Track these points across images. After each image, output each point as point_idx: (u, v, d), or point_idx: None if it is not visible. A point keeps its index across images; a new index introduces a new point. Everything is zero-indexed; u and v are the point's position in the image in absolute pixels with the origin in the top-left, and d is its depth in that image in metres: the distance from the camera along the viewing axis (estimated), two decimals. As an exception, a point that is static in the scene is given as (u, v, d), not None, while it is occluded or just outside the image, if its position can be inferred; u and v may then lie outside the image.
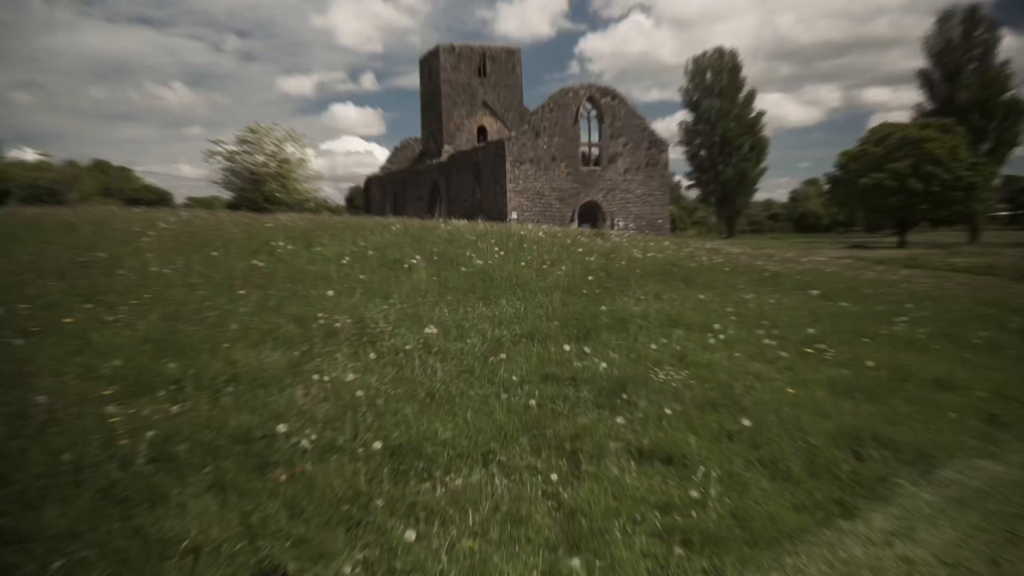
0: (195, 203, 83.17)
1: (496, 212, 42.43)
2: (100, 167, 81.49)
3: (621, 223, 44.07)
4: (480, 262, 11.40)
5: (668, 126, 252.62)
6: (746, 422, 5.04)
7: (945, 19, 65.09)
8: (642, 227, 44.20)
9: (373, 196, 63.75)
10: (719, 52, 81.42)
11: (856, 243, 61.92)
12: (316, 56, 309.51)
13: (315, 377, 5.59)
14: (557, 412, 5.37)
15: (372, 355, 6.29)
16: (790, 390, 6.19)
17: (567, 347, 6.81)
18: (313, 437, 4.60)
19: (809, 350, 7.70)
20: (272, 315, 7.39)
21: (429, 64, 54.95)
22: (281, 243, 11.25)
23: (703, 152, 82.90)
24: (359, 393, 5.21)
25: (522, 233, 15.27)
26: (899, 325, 9.55)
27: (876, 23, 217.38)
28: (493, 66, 54.06)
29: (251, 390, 5.37)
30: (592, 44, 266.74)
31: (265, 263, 9.96)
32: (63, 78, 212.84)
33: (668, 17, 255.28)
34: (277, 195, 42.15)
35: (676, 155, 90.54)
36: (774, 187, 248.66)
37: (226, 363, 5.82)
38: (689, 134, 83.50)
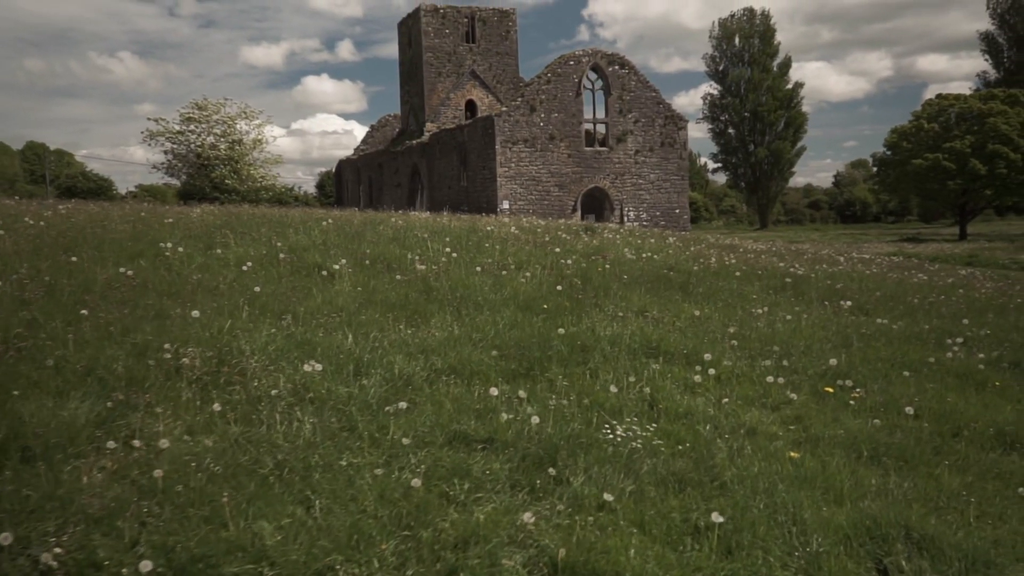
0: (144, 192, 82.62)
1: (485, 201, 41.38)
2: (33, 150, 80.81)
3: (632, 213, 43.00)
4: (422, 267, 10.33)
5: (692, 100, 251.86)
6: (717, 516, 3.93)
7: (1013, -27, 63.87)
8: (656, 218, 43.11)
9: (346, 182, 62.82)
10: (749, 14, 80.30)
11: (909, 235, 60.81)
12: (286, 22, 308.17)
13: (111, 444, 4.50)
14: (450, 498, 4.28)
15: (216, 406, 5.21)
16: (793, 454, 5.09)
17: (495, 390, 5.71)
18: (58, 551, 3.52)
19: (829, 389, 6.60)
20: (111, 346, 6.31)
21: (409, 28, 53.89)
22: (171, 244, 10.18)
23: (731, 130, 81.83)
24: (157, 473, 4.12)
25: (489, 229, 14.19)
26: (952, 350, 8.43)
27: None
28: (483, 30, 52.92)
29: (14, 466, 4.29)
30: (603, 6, 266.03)
31: (139, 271, 8.90)
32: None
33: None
34: (227, 182, 41.29)
35: (701, 133, 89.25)
36: (815, 170, 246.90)
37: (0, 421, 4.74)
38: (715, 109, 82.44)
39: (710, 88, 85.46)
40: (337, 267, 9.85)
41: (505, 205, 40.74)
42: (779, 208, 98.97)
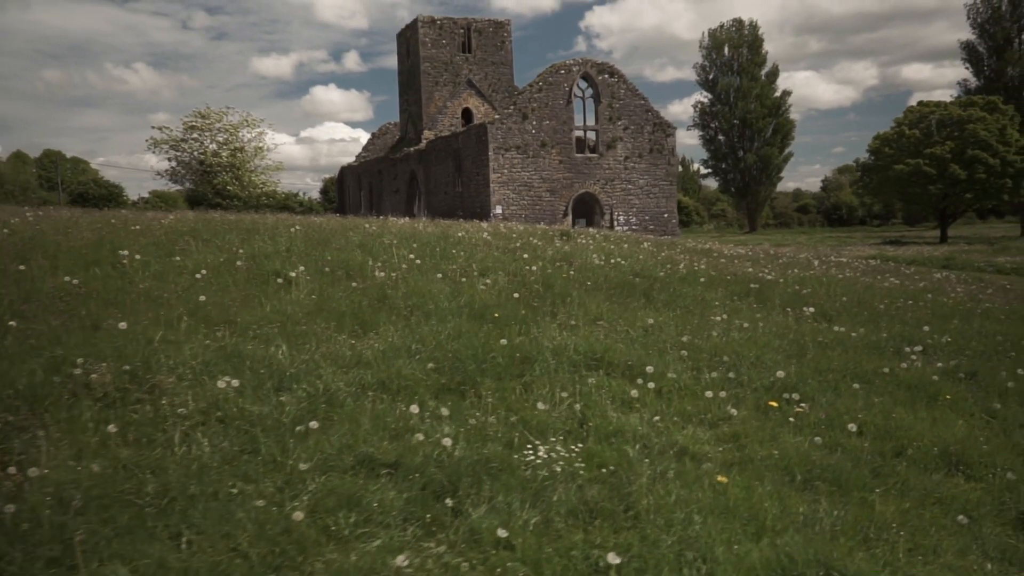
0: (157, 198, 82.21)
1: (479, 206, 40.99)
2: (50, 158, 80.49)
3: (622, 217, 42.60)
4: (382, 275, 9.84)
5: (686, 108, 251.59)
6: (613, 557, 3.43)
7: (992, -15, 63.17)
8: (646, 222, 42.68)
9: (347, 188, 62.38)
10: (738, 24, 79.67)
11: (892, 238, 60.16)
12: (294, 34, 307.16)
13: (-23, 474, 4.02)
14: (332, 534, 3.79)
15: (112, 427, 4.72)
16: (721, 479, 4.59)
17: (415, 408, 5.23)
18: None
19: (773, 403, 6.09)
20: (27, 359, 5.82)
21: (407, 39, 53.46)
22: (127, 252, 9.69)
23: (721, 136, 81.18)
24: (9, 508, 3.63)
25: (460, 235, 13.70)
26: (910, 359, 7.92)
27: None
28: (479, 41, 52.48)
29: None
30: (600, 18, 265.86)
31: (88, 280, 8.42)
32: (13, 60, 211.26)
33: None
34: (229, 188, 40.86)
35: (694, 140, 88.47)
36: (805, 175, 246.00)
37: None
38: (705, 116, 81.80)
39: (701, 96, 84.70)
40: (294, 274, 9.37)
41: (498, 210, 40.37)
42: (768, 212, 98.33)
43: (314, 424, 4.94)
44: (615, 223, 41.93)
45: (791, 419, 5.69)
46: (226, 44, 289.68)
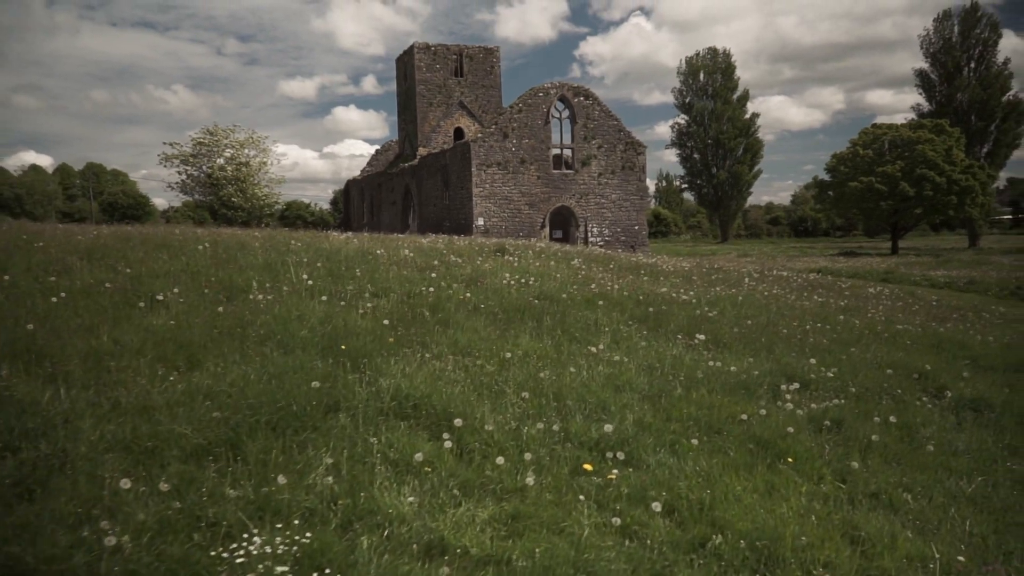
0: (187, 207, 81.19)
1: (463, 217, 39.80)
2: (91, 170, 79.75)
3: (596, 229, 41.34)
4: (259, 296, 8.54)
5: (668, 130, 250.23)
6: None
7: (943, 18, 61.38)
8: (618, 234, 41.39)
9: (352, 200, 61.19)
10: (712, 52, 78.03)
11: (849, 249, 58.51)
12: (318, 59, 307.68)
13: None
14: None
15: None
16: (446, 595, 3.25)
17: (127, 482, 3.92)
18: None
19: (589, 466, 4.74)
20: None
21: (404, 64, 52.24)
22: (7, 275, 8.40)
23: (696, 155, 79.53)
24: None
25: (379, 252, 12.35)
26: (784, 398, 6.56)
27: (880, 24, 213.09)
28: (470, 66, 51.23)
29: None
30: (593, 47, 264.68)
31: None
32: (65, 82, 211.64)
33: (669, 20, 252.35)
34: (234, 200, 39.72)
35: (671, 158, 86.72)
36: (778, 190, 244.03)
37: None
38: (682, 136, 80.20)
39: (678, 118, 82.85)
40: (161, 297, 8.08)
41: (480, 222, 39.19)
42: (740, 223, 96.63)
43: (-15, 508, 3.64)
44: (589, 235, 40.78)
45: (593, 489, 4.33)
46: (256, 68, 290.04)
